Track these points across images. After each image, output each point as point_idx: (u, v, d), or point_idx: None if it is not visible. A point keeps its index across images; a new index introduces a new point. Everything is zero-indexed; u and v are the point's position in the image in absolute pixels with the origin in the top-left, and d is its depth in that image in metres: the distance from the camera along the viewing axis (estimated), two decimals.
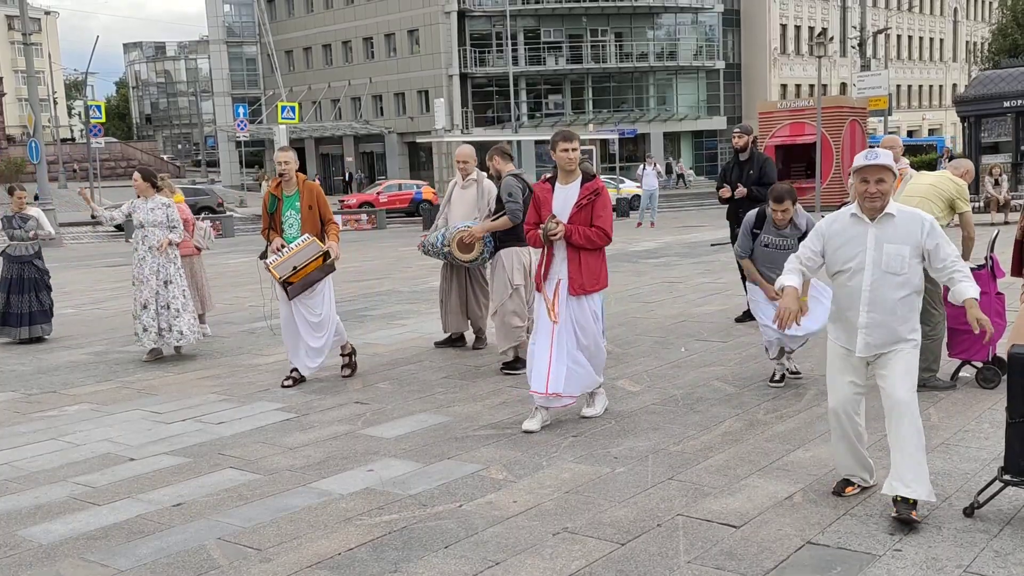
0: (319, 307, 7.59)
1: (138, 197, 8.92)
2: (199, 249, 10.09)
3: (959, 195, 6.76)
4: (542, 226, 6.05)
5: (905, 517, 4.24)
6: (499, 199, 7.74)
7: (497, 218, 7.77)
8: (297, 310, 7.57)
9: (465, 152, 8.43)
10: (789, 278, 4.59)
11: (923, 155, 39.45)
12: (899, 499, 4.31)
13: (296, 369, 7.69)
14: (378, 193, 38.57)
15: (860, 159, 4.38)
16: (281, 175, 7.56)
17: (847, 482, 4.76)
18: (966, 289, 4.31)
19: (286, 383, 7.61)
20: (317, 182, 7.97)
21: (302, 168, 56.18)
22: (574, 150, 6.08)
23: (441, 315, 8.94)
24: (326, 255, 7.41)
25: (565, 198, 6.11)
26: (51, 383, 8.15)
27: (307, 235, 7.45)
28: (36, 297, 10.31)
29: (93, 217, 9.13)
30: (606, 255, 6.33)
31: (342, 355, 8.00)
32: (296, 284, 7.39)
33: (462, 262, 8.21)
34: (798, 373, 7.18)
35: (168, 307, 8.81)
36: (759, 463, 5.26)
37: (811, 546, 4.14)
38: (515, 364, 7.67)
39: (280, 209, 7.57)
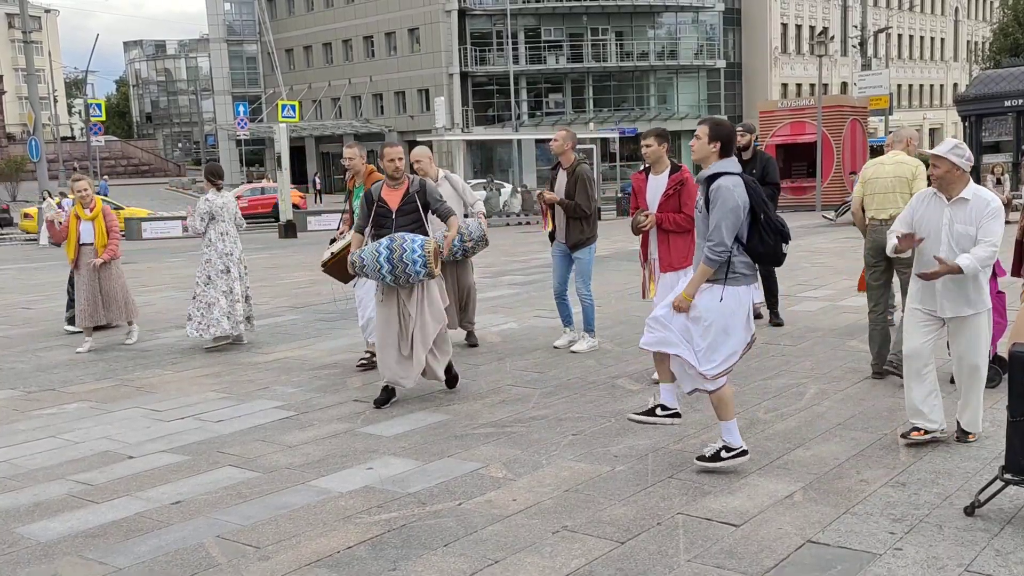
0: (359, 290, 7.99)
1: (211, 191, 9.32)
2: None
3: (917, 175, 7.04)
4: (632, 219, 7.07)
5: (961, 439, 5.39)
6: (425, 205, 6.74)
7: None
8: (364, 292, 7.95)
9: (418, 152, 8.35)
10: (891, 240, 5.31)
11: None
12: (959, 427, 5.40)
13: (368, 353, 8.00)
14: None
15: (938, 147, 5.11)
16: (347, 170, 8.12)
17: (915, 427, 5.36)
18: (962, 257, 4.96)
19: (360, 363, 8.05)
20: (316, 183, 8.11)
21: (303, 168, 56.49)
22: (648, 145, 6.92)
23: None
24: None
25: (656, 187, 7.00)
26: (50, 381, 8.14)
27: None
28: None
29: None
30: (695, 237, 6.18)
31: (366, 351, 8.00)
32: (334, 268, 7.76)
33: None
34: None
35: (194, 298, 9.11)
36: (759, 462, 5.25)
37: (811, 545, 4.13)
38: (452, 382, 7.11)
39: (351, 200, 8.11)
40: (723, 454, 5.04)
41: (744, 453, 5.06)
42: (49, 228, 9.93)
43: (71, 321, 10.53)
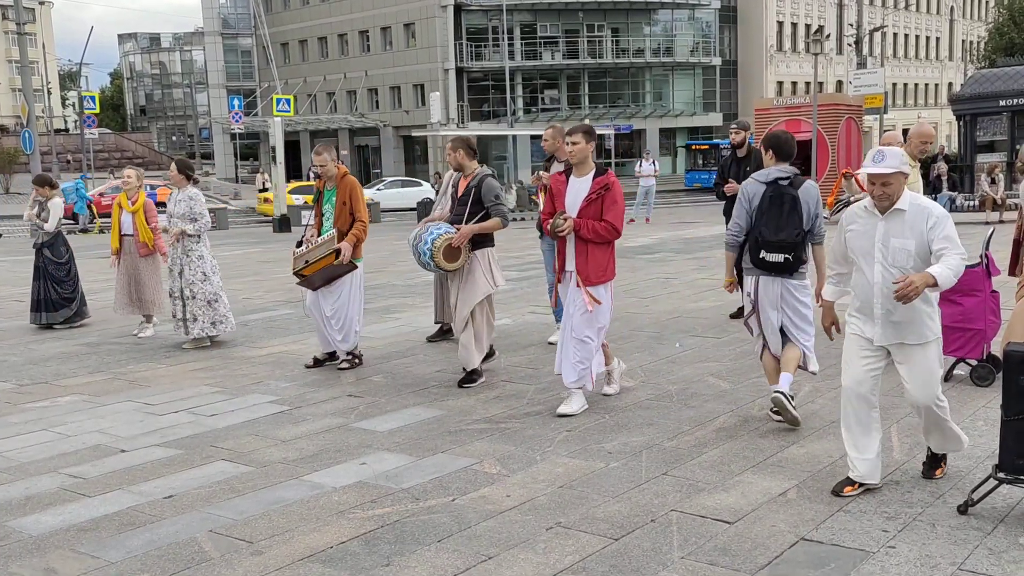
0: (334, 301, 7.76)
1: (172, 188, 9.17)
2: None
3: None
4: (551, 221, 6.23)
5: (926, 475, 4.87)
6: (477, 199, 7.08)
7: (480, 219, 7.14)
8: (316, 300, 7.86)
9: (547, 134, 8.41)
10: (827, 290, 5.02)
11: None
12: (928, 458, 4.89)
13: (324, 353, 8.00)
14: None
15: (868, 160, 4.46)
16: (318, 176, 7.97)
17: (848, 481, 4.70)
18: (933, 267, 4.31)
19: (309, 364, 7.98)
20: (311, 178, 8.05)
21: (297, 162, 56.34)
22: (575, 143, 6.25)
23: (435, 304, 8.90)
24: (337, 253, 7.46)
25: (577, 191, 6.28)
26: (43, 374, 8.11)
27: (332, 231, 7.62)
28: (47, 285, 10.49)
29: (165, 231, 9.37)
30: (615, 248, 6.40)
31: (347, 353, 7.96)
32: (310, 277, 7.67)
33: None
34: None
35: (194, 297, 8.91)
36: (753, 459, 5.25)
37: (805, 542, 4.13)
38: (473, 376, 7.19)
39: (321, 203, 7.91)
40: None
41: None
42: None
43: (67, 319, 10.52)
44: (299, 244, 7.92)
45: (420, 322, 9.93)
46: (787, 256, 5.68)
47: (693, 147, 50.09)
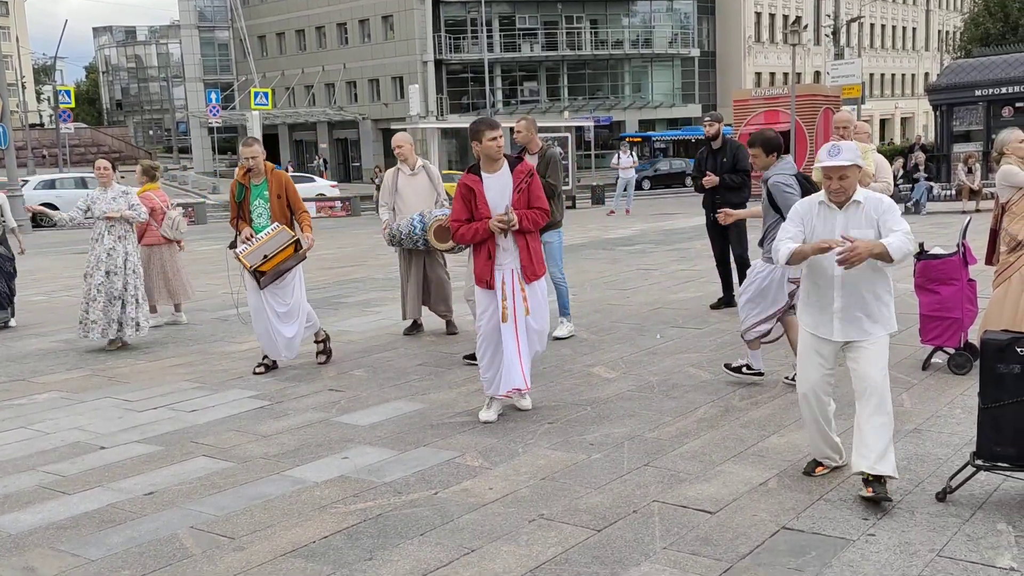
0: (288, 296, 7.53)
1: (99, 187, 8.93)
2: (168, 239, 9.96)
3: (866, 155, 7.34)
4: (503, 217, 5.82)
5: (880, 496, 4.32)
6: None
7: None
8: (266, 300, 7.48)
9: (401, 138, 8.52)
10: (788, 245, 4.48)
11: None
12: (871, 478, 4.37)
13: (267, 357, 7.64)
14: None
15: (823, 154, 4.40)
16: (249, 170, 7.48)
17: (817, 463, 4.87)
18: (887, 237, 4.27)
19: (258, 370, 7.58)
20: (289, 170, 7.91)
21: (276, 156, 56.04)
22: (499, 137, 5.93)
23: (402, 301, 8.90)
24: (298, 244, 7.37)
25: (500, 186, 5.94)
26: (20, 371, 8.04)
27: (276, 224, 7.38)
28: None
29: (53, 225, 9.33)
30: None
31: (316, 342, 7.96)
32: (269, 273, 7.35)
33: (439, 250, 8.33)
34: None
35: (122, 298, 8.71)
36: (734, 449, 5.28)
37: (786, 531, 4.16)
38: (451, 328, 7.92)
39: (248, 198, 7.51)
40: (745, 369, 6.57)
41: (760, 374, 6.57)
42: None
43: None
44: (232, 245, 7.60)
45: (400, 316, 9.89)
46: None
47: (627, 139, 50.12)
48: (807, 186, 6.11)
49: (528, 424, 5.90)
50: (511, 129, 8.06)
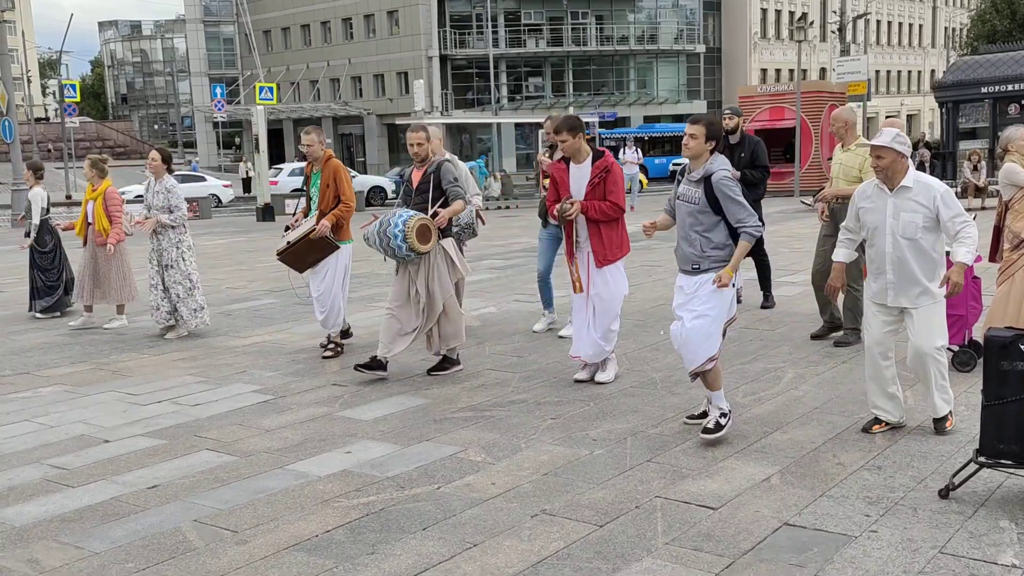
0: (319, 283, 7.86)
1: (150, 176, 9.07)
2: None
3: (864, 166, 7.29)
4: (558, 206, 6.57)
5: (939, 431, 5.30)
6: (437, 184, 6.91)
7: (443, 203, 6.95)
8: (309, 282, 7.99)
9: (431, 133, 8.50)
10: (839, 252, 5.48)
11: None
12: (935, 420, 5.33)
13: (334, 342, 7.97)
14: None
15: (874, 139, 5.11)
16: (304, 156, 7.98)
17: (876, 420, 5.41)
18: (958, 253, 5.01)
19: (326, 355, 7.89)
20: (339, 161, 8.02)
21: (280, 150, 56.07)
22: (564, 141, 6.58)
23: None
24: (313, 232, 7.54)
25: (579, 177, 6.63)
26: (25, 364, 8.06)
27: (317, 212, 7.76)
28: (38, 274, 10.52)
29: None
30: (625, 224, 6.75)
31: (331, 341, 7.98)
32: (290, 257, 7.74)
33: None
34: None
35: (167, 290, 8.90)
36: (737, 445, 5.28)
37: (788, 527, 4.16)
38: (445, 364, 7.18)
39: (309, 186, 7.98)
40: (722, 420, 5.35)
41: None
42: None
43: (45, 309, 10.47)
44: (287, 229, 7.99)
45: None
46: None
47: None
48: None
49: (531, 419, 5.90)
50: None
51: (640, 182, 28.22)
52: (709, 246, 5.35)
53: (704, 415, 5.54)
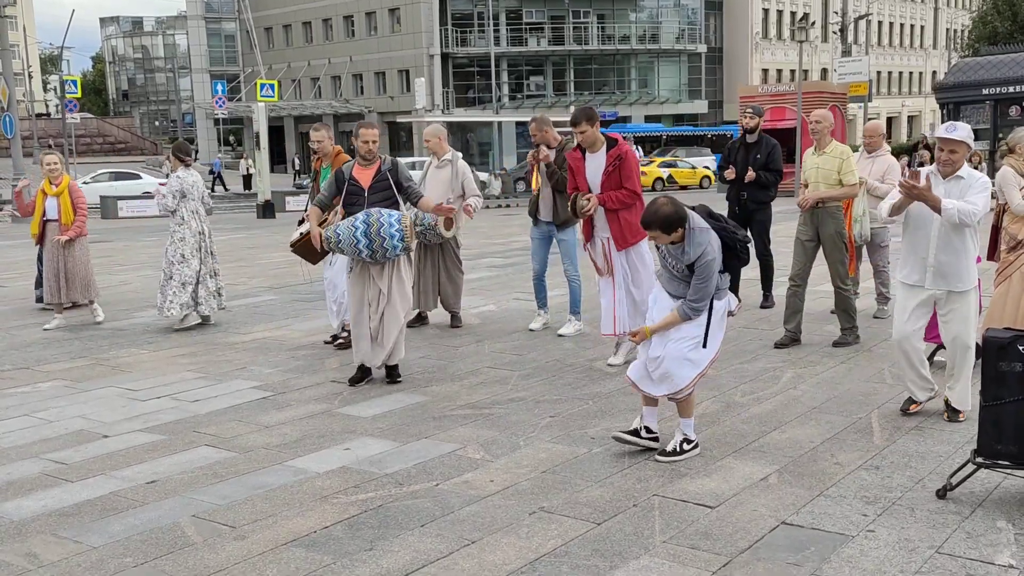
0: (328, 271, 8.11)
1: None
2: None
3: (844, 169, 7.51)
4: (572, 202, 6.87)
5: (952, 419, 5.53)
6: (399, 184, 6.79)
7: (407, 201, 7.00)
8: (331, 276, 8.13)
9: (429, 132, 8.65)
10: (887, 203, 5.45)
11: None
12: (949, 405, 5.57)
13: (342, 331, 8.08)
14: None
15: (941, 129, 5.24)
16: (314, 152, 8.11)
17: (911, 400, 5.68)
18: (949, 200, 5.11)
19: (339, 343, 8.04)
20: (344, 156, 8.11)
21: (281, 147, 56.06)
22: (582, 132, 6.77)
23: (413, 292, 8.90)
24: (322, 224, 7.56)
25: (595, 166, 6.86)
26: (24, 359, 8.06)
27: None
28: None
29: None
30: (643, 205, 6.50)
31: (334, 335, 8.07)
32: (303, 249, 7.74)
33: (444, 238, 8.42)
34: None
35: (171, 278, 9.07)
36: (735, 444, 5.28)
37: (785, 526, 4.16)
38: (396, 372, 6.92)
39: (318, 181, 8.09)
40: (684, 446, 5.08)
41: (696, 446, 5.15)
42: (16, 199, 9.92)
43: (42, 299, 10.46)
44: (301, 222, 8.05)
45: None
46: None
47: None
48: (728, 241, 5.05)
49: (530, 417, 5.91)
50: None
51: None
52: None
53: (634, 432, 5.17)
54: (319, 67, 58.85)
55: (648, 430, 5.20)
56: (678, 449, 5.06)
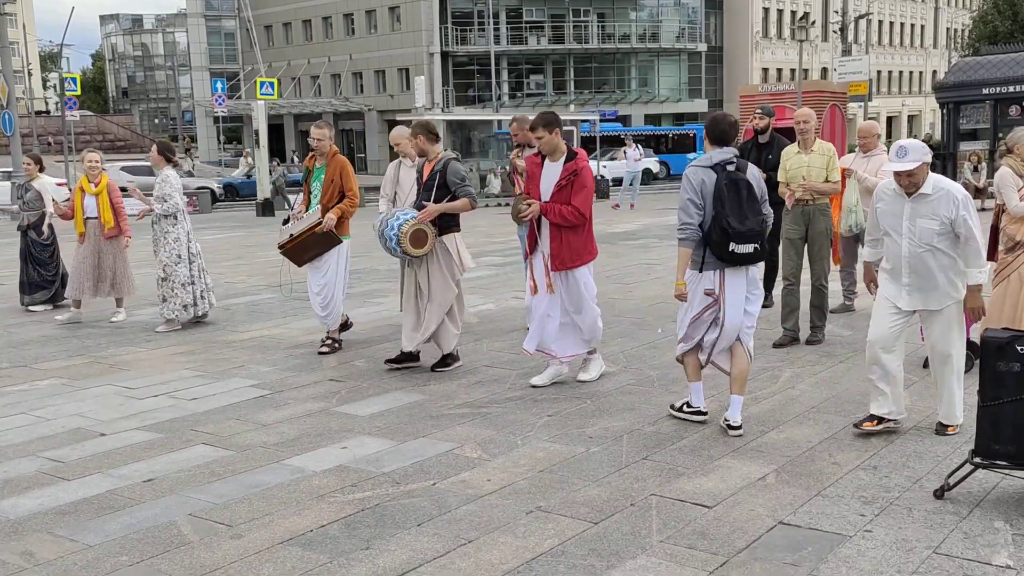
0: (320, 278, 7.82)
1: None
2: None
3: (830, 166, 7.61)
4: (513, 206, 6.53)
5: (939, 432, 5.30)
6: (443, 182, 6.92)
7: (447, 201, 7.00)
8: (309, 277, 7.97)
9: (397, 135, 8.41)
10: (864, 252, 5.51)
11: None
12: (941, 423, 5.33)
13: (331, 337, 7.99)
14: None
15: (892, 157, 4.92)
16: (313, 150, 7.94)
17: (871, 416, 5.33)
18: (970, 276, 5.01)
19: (322, 350, 7.87)
20: (344, 157, 8.00)
21: (281, 145, 56.04)
22: (540, 138, 6.35)
23: (401, 294, 8.85)
24: (319, 225, 7.52)
25: (551, 176, 6.40)
26: (22, 357, 8.05)
27: (318, 206, 7.67)
28: (33, 268, 10.48)
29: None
30: (592, 231, 6.53)
31: (327, 337, 7.97)
32: (294, 250, 7.72)
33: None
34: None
35: (167, 278, 9.03)
36: (733, 444, 5.28)
37: (783, 526, 4.16)
38: (447, 360, 7.16)
39: (310, 180, 7.95)
40: (685, 408, 5.67)
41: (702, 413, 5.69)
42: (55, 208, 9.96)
43: (41, 302, 10.49)
44: (286, 222, 7.99)
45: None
46: (755, 246, 5.31)
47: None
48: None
49: (527, 416, 5.90)
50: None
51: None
52: None
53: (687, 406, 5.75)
54: (319, 65, 58.79)
55: (689, 405, 5.77)
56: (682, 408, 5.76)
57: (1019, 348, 4.22)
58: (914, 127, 71.80)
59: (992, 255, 6.89)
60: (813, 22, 51.51)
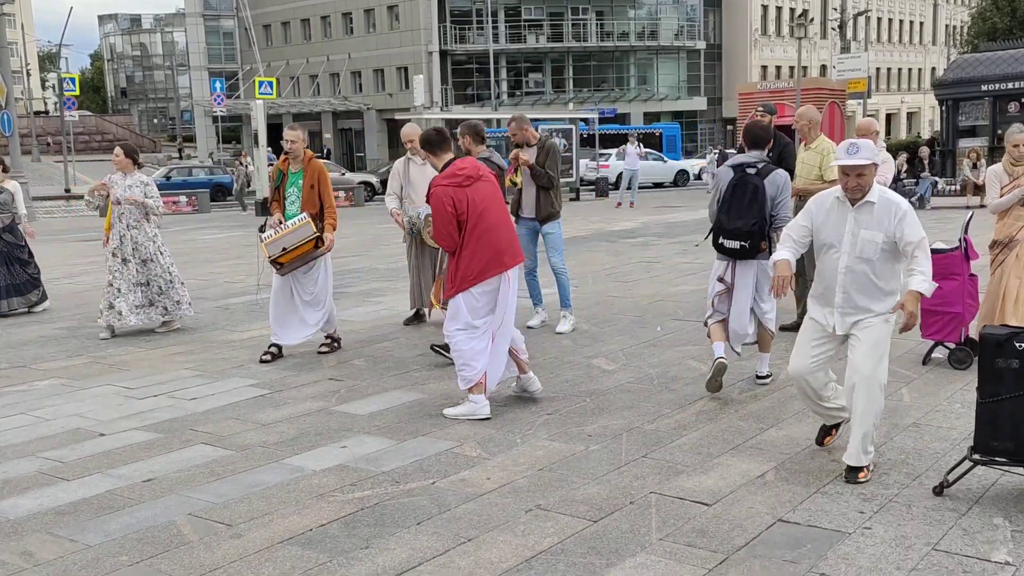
0: (312, 286, 7.67)
1: (116, 173, 8.85)
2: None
3: (824, 164, 7.67)
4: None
5: (849, 479, 4.60)
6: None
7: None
8: (293, 286, 7.67)
9: (409, 132, 8.42)
10: (781, 253, 4.77)
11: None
12: (848, 466, 4.64)
13: (275, 345, 7.66)
14: None
15: (841, 152, 4.49)
16: (287, 153, 7.64)
17: (826, 431, 5.12)
18: (912, 282, 4.44)
19: (264, 358, 7.58)
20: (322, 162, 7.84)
21: (279, 145, 56.11)
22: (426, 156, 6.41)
23: (411, 290, 8.86)
24: (319, 242, 7.42)
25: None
26: (21, 357, 8.05)
27: (304, 215, 7.43)
28: (8, 270, 10.23)
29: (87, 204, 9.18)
30: (465, 257, 5.91)
31: (326, 337, 7.97)
32: (286, 265, 7.48)
33: (432, 246, 7.78)
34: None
35: (148, 284, 8.85)
36: (732, 442, 5.28)
37: (782, 524, 4.16)
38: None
39: (284, 185, 7.68)
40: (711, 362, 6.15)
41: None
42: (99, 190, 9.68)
43: (37, 303, 10.48)
44: (262, 229, 7.69)
45: (401, 306, 9.90)
46: (743, 243, 5.97)
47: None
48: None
49: (527, 415, 5.90)
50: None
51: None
52: None
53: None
54: (317, 64, 58.76)
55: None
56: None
57: (1018, 344, 4.22)
58: (913, 124, 71.81)
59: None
60: (812, 19, 51.51)
